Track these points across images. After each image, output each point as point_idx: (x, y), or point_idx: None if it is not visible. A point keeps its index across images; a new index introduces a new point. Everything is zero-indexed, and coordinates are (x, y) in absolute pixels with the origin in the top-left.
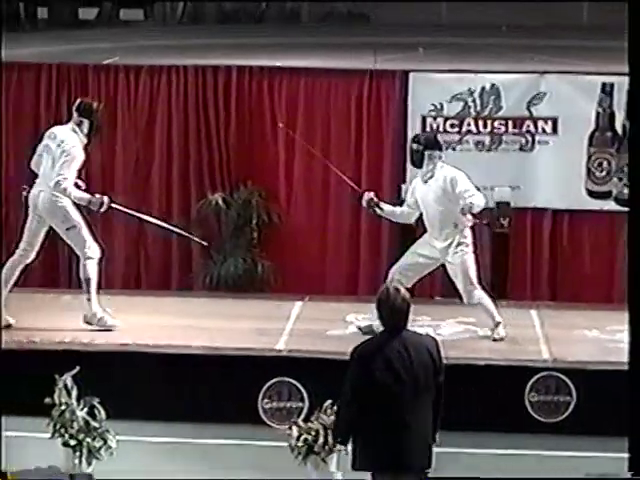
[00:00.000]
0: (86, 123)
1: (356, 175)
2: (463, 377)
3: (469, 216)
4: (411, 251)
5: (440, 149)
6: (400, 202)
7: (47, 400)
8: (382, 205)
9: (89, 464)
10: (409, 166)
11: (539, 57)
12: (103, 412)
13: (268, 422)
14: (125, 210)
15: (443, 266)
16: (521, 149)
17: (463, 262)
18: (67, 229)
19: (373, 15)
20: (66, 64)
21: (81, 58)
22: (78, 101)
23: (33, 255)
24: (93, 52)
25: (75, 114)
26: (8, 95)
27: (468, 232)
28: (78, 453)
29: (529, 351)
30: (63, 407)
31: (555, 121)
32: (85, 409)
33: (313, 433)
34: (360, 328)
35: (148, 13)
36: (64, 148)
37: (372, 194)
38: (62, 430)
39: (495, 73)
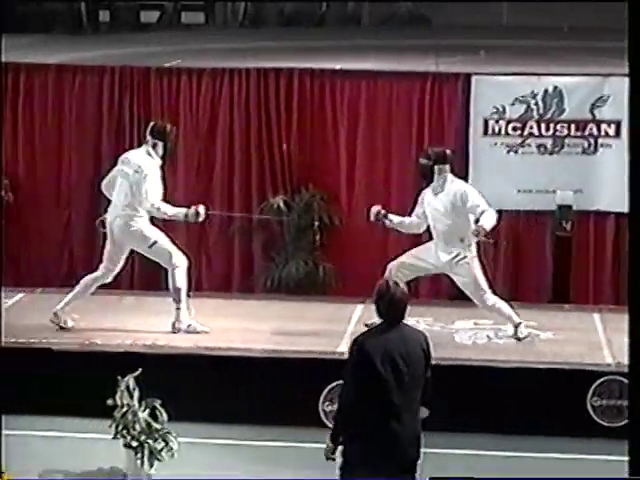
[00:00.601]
0: (160, 145)
1: (418, 178)
2: (525, 381)
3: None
4: (413, 253)
5: (449, 163)
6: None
7: (109, 402)
8: (390, 217)
9: (151, 465)
10: (471, 168)
11: (603, 59)
12: (165, 414)
13: (329, 425)
14: (221, 213)
15: (448, 276)
16: (584, 152)
17: (470, 271)
18: (149, 247)
19: (434, 17)
20: (128, 67)
21: (143, 61)
22: (151, 124)
23: (111, 277)
24: (155, 55)
25: (149, 137)
26: (71, 98)
27: (473, 246)
28: (140, 455)
29: (592, 355)
30: (125, 409)
31: (618, 124)
32: (147, 411)
33: None
34: (367, 325)
35: (209, 16)
36: (144, 173)
37: (379, 207)
38: (124, 431)
39: (558, 76)
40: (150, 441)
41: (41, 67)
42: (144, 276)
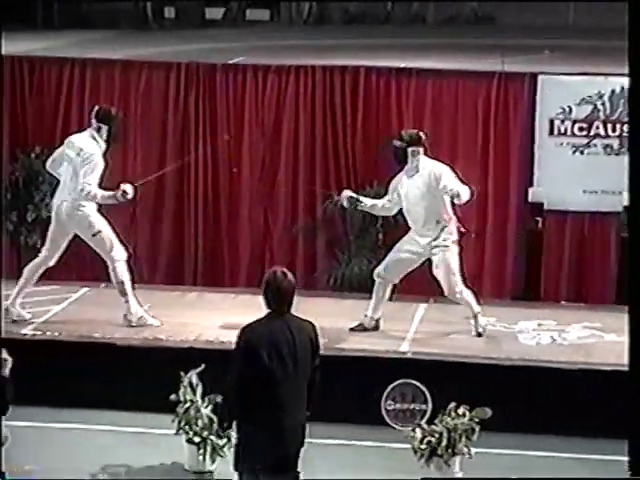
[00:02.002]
0: (105, 129)
1: (483, 176)
2: (589, 382)
3: (452, 214)
4: (395, 248)
5: (423, 146)
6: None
7: (172, 397)
8: (362, 199)
9: (213, 461)
10: (536, 168)
11: None
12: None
13: (391, 424)
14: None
15: (430, 262)
16: None
17: (445, 258)
18: (93, 235)
19: (499, 17)
20: (195, 63)
21: (208, 58)
22: (96, 108)
23: (54, 260)
24: (219, 52)
25: (93, 120)
26: (137, 94)
27: (453, 229)
28: (202, 450)
29: None
30: (188, 404)
31: None
32: (209, 407)
33: (437, 435)
34: (352, 329)
35: (274, 13)
36: (84, 157)
37: (349, 192)
38: (186, 427)
39: (626, 76)
40: (213, 437)
41: (108, 63)
42: (208, 272)
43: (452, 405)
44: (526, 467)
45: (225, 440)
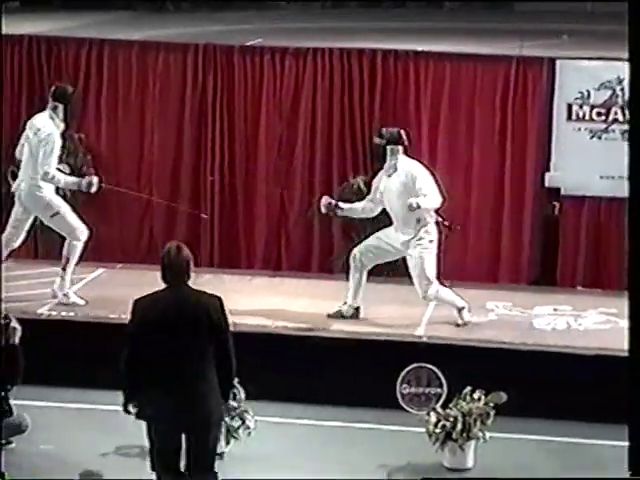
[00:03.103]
0: (61, 108)
1: (500, 162)
2: (604, 368)
3: (432, 213)
4: (377, 235)
5: (402, 144)
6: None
7: None
8: (341, 205)
9: (227, 443)
10: (553, 153)
11: None
12: (242, 392)
13: (406, 407)
14: (118, 189)
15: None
16: None
17: (421, 257)
18: (51, 216)
19: (516, 1)
20: (212, 45)
21: (224, 39)
22: (53, 87)
23: (19, 242)
24: (236, 33)
25: (50, 100)
26: (154, 75)
27: (432, 228)
28: None
29: None
30: None
31: None
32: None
33: (451, 420)
34: (329, 315)
35: None
36: (40, 137)
37: (328, 198)
38: None
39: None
40: (227, 419)
41: (125, 44)
42: (224, 254)
43: (467, 389)
44: (541, 452)
45: (239, 422)
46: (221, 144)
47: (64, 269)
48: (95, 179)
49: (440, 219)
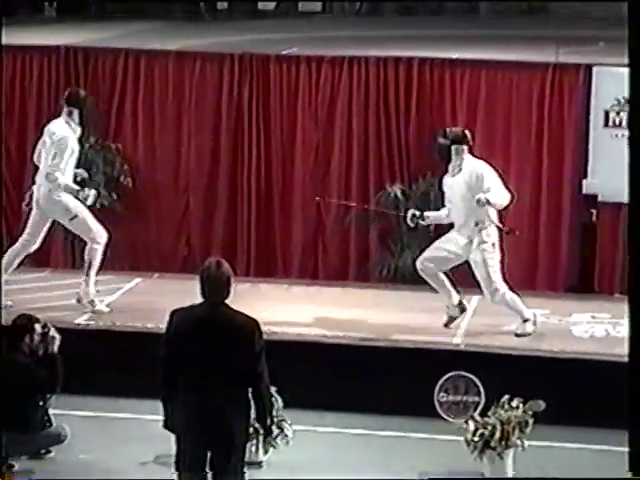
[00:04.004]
0: (76, 112)
1: (537, 168)
2: None
3: (492, 216)
4: (436, 245)
5: (467, 144)
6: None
7: None
8: (425, 214)
9: (265, 452)
10: (591, 160)
11: None
12: (280, 401)
13: (444, 415)
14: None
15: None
16: None
17: (485, 260)
18: (70, 220)
19: (552, 8)
20: (248, 54)
21: (260, 49)
22: (67, 92)
23: (36, 246)
24: (272, 43)
25: (65, 105)
26: (191, 85)
27: (492, 231)
28: (254, 441)
29: None
30: None
31: None
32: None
33: (490, 428)
34: (446, 324)
35: (326, 4)
36: (54, 139)
37: (414, 210)
38: None
39: None
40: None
41: (162, 54)
42: (261, 263)
43: (505, 397)
44: (580, 460)
45: (278, 430)
46: (257, 153)
47: (87, 274)
48: (93, 192)
49: (500, 224)
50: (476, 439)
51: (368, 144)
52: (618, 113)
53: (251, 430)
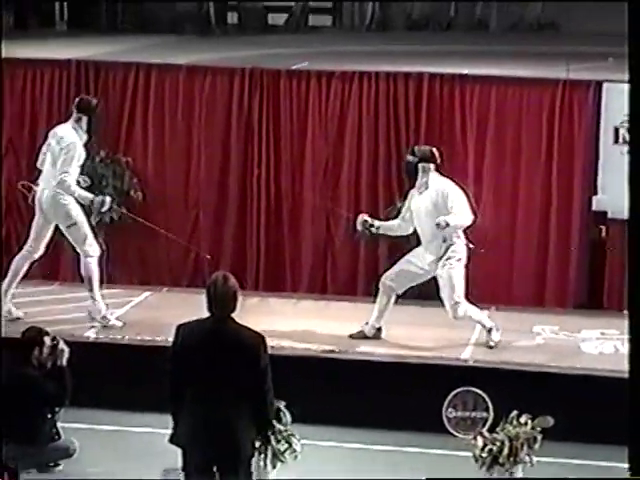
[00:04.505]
0: (85, 119)
1: (546, 185)
2: None
3: (460, 232)
4: (405, 258)
5: (434, 162)
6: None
7: None
8: (376, 223)
9: (273, 467)
10: (600, 176)
11: None
12: (289, 415)
13: (452, 431)
14: (131, 215)
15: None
16: None
17: (450, 276)
18: (68, 226)
19: (562, 24)
20: (259, 69)
21: (271, 63)
22: (78, 98)
23: (40, 252)
24: (282, 57)
25: (74, 111)
26: (201, 99)
27: (459, 247)
28: (262, 455)
29: None
30: None
31: None
32: (273, 413)
33: (498, 444)
34: (351, 335)
35: (336, 19)
36: (62, 145)
37: (366, 215)
38: None
39: None
40: (273, 442)
41: (172, 68)
42: (269, 277)
43: (514, 413)
44: (589, 476)
45: (286, 445)
46: (267, 168)
47: (91, 290)
48: (108, 199)
49: (466, 240)
50: (484, 455)
51: (378, 159)
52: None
53: (258, 444)
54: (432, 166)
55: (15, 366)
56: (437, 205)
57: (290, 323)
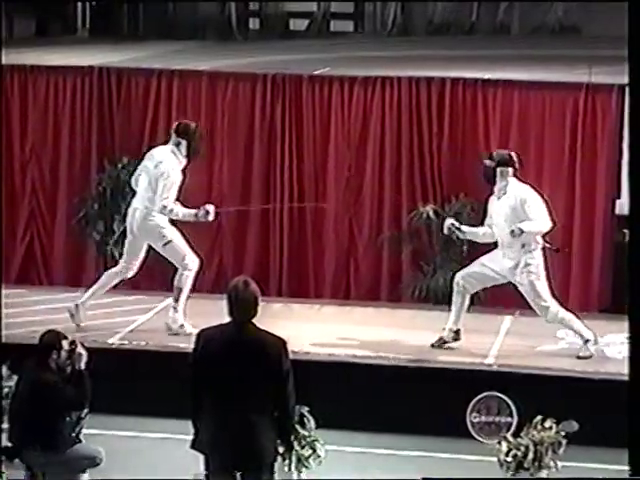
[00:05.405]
0: (184, 144)
1: (570, 188)
2: None
3: (538, 238)
4: (481, 261)
5: (513, 166)
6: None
7: None
8: (463, 228)
9: (299, 472)
10: (624, 180)
11: None
12: (312, 421)
13: (477, 436)
14: (229, 209)
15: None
16: None
17: (531, 282)
18: (163, 245)
19: (584, 27)
20: (281, 74)
21: (292, 69)
22: (176, 123)
23: (134, 270)
24: (304, 63)
25: (173, 135)
26: (223, 105)
27: (537, 254)
28: (287, 461)
29: None
30: None
31: None
32: (295, 418)
33: (523, 449)
34: (432, 345)
35: (358, 25)
36: (162, 170)
37: (452, 220)
38: None
39: None
40: (298, 448)
41: (194, 74)
42: (293, 283)
43: (538, 418)
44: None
45: (310, 451)
46: (290, 173)
47: (177, 300)
48: (212, 207)
49: (547, 244)
50: (509, 460)
51: (401, 164)
52: None
53: (283, 450)
54: (510, 170)
55: (34, 370)
56: (516, 210)
57: (313, 328)
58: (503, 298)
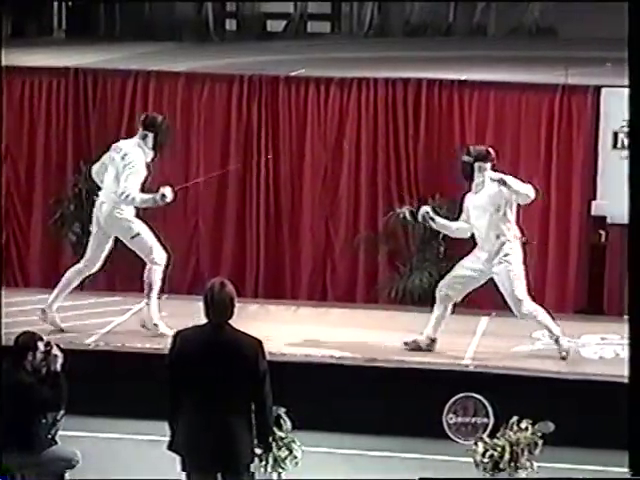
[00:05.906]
0: (150, 137)
1: (546, 189)
2: None
3: (515, 230)
4: (460, 264)
5: (491, 161)
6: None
7: None
8: (436, 219)
9: (278, 474)
10: (600, 181)
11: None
12: (289, 422)
13: (453, 437)
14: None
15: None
16: None
17: (508, 273)
18: (131, 238)
19: (561, 29)
20: (257, 75)
21: (269, 70)
22: (143, 115)
23: (97, 266)
24: (281, 64)
25: (140, 128)
26: (199, 106)
27: (514, 245)
28: (264, 462)
29: None
30: None
31: None
32: (272, 418)
33: (499, 449)
34: (406, 343)
35: (335, 26)
36: (127, 161)
37: (428, 208)
38: None
39: None
40: (274, 449)
41: (171, 75)
42: (269, 284)
43: (514, 419)
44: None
45: (287, 452)
46: (266, 174)
47: (148, 296)
48: (168, 189)
49: (521, 237)
50: (485, 460)
51: (377, 165)
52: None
53: (259, 451)
54: (488, 165)
55: (9, 371)
56: (493, 198)
57: (289, 329)
58: (480, 299)
